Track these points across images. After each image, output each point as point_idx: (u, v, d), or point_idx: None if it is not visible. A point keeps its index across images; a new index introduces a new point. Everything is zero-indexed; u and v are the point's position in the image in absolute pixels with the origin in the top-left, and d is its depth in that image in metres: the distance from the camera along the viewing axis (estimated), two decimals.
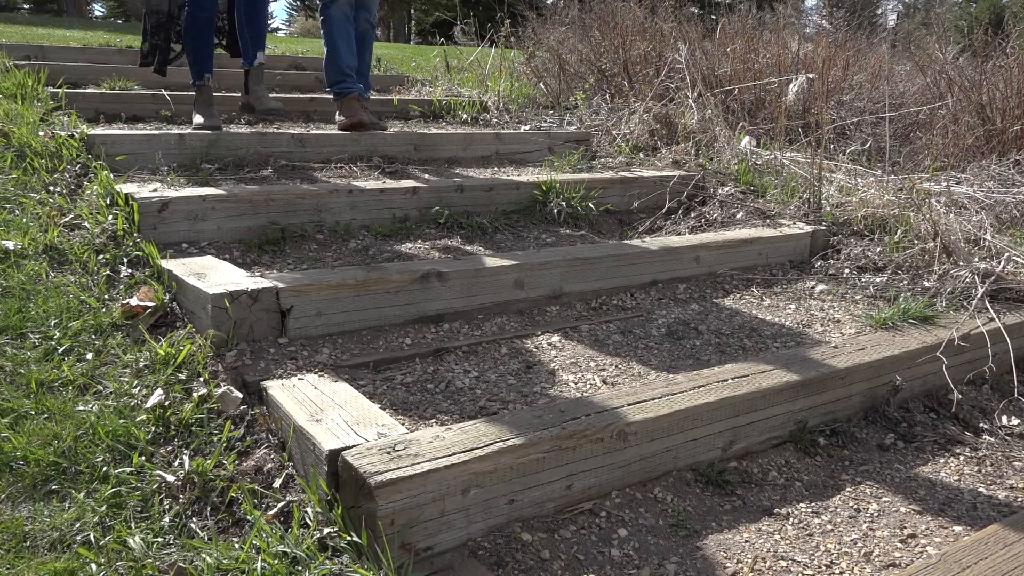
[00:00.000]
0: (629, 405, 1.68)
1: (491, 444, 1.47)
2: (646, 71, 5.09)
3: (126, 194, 2.46)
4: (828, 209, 3.32)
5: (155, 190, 2.55)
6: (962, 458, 1.96)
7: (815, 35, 6.21)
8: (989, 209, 3.29)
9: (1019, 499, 1.79)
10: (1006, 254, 2.75)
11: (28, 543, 1.39)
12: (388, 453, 1.41)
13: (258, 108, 3.26)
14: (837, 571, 1.48)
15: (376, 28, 3.92)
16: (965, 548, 1.49)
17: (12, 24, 8.91)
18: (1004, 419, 2.15)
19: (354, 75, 3.73)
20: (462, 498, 1.42)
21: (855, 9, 7.03)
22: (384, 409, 1.73)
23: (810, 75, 4.59)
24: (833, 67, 5.22)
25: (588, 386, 1.94)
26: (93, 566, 1.33)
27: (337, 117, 3.73)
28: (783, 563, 1.49)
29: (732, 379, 1.86)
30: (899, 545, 1.58)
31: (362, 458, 1.39)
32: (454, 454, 1.42)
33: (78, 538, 1.40)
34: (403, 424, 1.67)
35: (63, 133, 2.97)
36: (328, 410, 1.61)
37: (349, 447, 1.44)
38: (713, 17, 5.95)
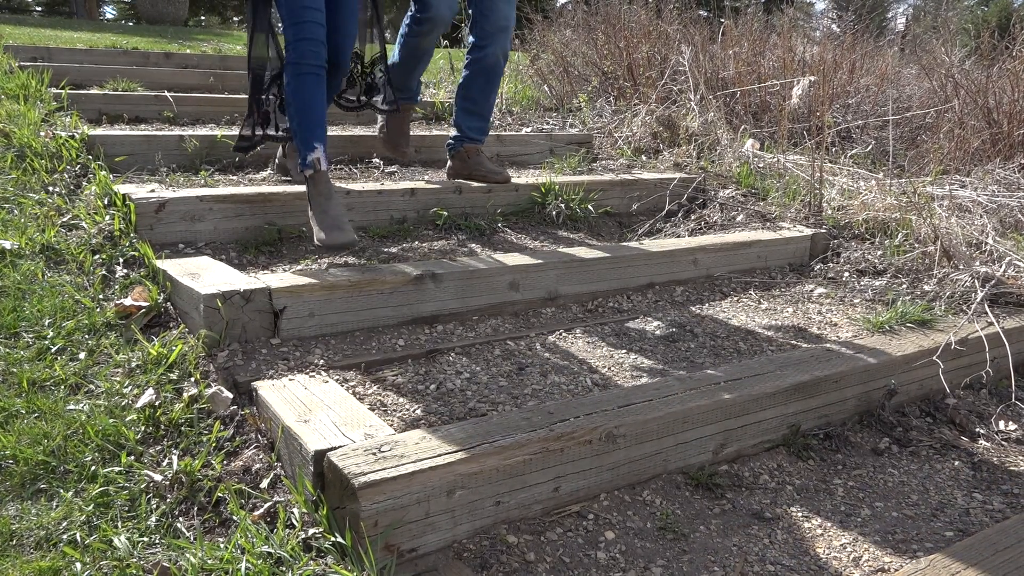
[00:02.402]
0: (619, 407, 1.67)
1: (478, 446, 1.46)
2: (650, 74, 5.08)
3: (124, 194, 2.47)
4: (829, 212, 3.31)
5: (152, 190, 2.56)
6: (957, 463, 1.95)
7: (823, 38, 6.19)
8: (993, 213, 3.27)
9: (1013, 505, 1.77)
10: (1007, 258, 2.73)
11: (14, 542, 1.39)
12: (374, 454, 1.41)
13: (295, 178, 3.07)
14: None
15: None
16: (955, 553, 1.47)
17: (21, 26, 8.96)
18: (1001, 424, 2.14)
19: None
20: (447, 499, 1.42)
21: (863, 12, 7.01)
22: (373, 410, 1.73)
23: (812, 78, 4.57)
24: (839, 70, 5.20)
25: (580, 388, 1.93)
26: (78, 565, 1.33)
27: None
28: (771, 568, 1.48)
29: (725, 381, 1.85)
30: (889, 550, 1.56)
31: (347, 459, 1.39)
32: (440, 455, 1.42)
33: (64, 537, 1.40)
34: (391, 425, 1.67)
35: (64, 134, 2.98)
36: (317, 411, 1.61)
37: (335, 448, 1.44)
38: (722, 20, 5.93)
